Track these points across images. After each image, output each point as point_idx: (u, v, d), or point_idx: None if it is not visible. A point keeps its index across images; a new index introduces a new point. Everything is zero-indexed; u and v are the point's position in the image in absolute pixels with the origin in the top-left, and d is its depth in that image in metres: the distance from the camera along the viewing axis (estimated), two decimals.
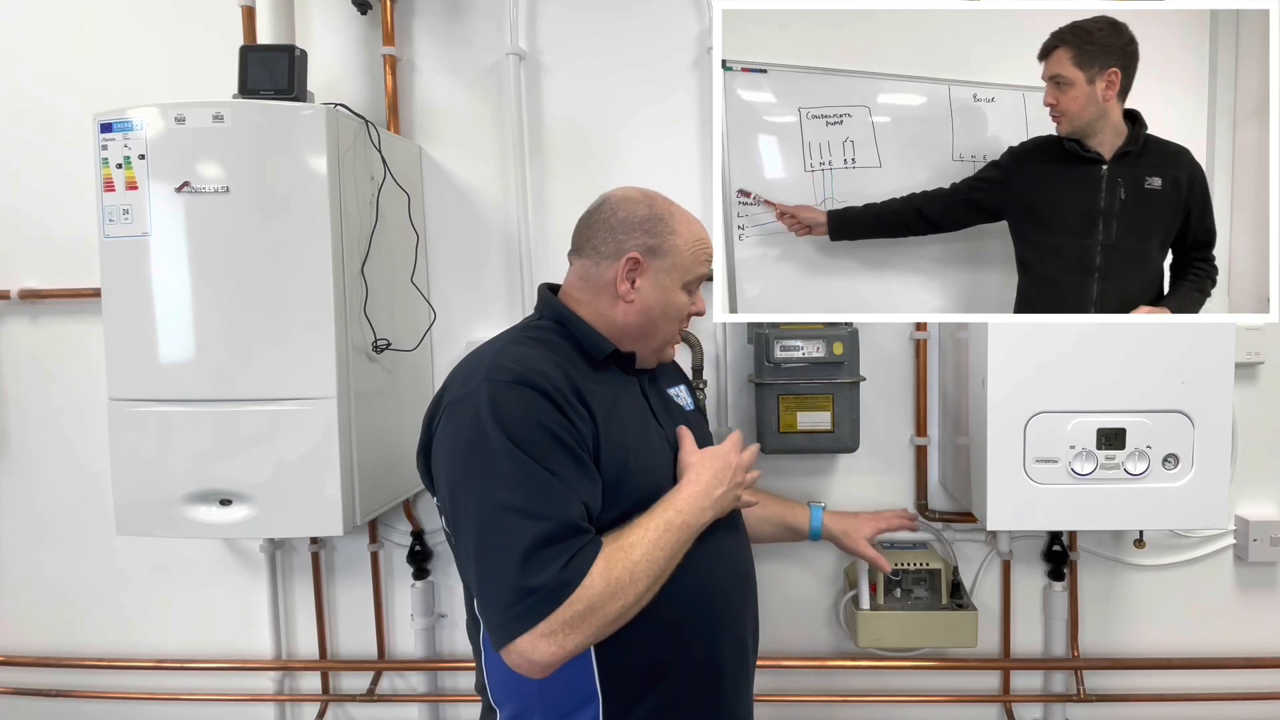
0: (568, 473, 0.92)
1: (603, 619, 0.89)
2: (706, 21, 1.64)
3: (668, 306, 1.09)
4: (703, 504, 1.01)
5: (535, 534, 0.88)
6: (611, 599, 0.89)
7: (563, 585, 0.87)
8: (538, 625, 0.87)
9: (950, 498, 1.69)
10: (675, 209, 1.12)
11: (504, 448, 0.90)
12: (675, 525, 0.97)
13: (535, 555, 0.87)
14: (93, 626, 1.84)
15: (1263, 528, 1.63)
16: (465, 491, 0.92)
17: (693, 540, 0.99)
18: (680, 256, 1.08)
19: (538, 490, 0.90)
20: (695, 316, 1.15)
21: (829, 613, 1.74)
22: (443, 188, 1.72)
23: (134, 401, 1.37)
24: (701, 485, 1.02)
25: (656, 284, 1.08)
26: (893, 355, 1.68)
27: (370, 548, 1.76)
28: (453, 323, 1.73)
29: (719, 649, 1.05)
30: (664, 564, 0.94)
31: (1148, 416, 1.30)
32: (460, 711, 1.83)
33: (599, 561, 0.90)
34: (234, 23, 1.64)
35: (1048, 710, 1.73)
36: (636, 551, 0.92)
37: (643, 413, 1.10)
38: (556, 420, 0.93)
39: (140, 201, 1.33)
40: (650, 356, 1.13)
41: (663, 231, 1.08)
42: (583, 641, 0.89)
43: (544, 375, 0.95)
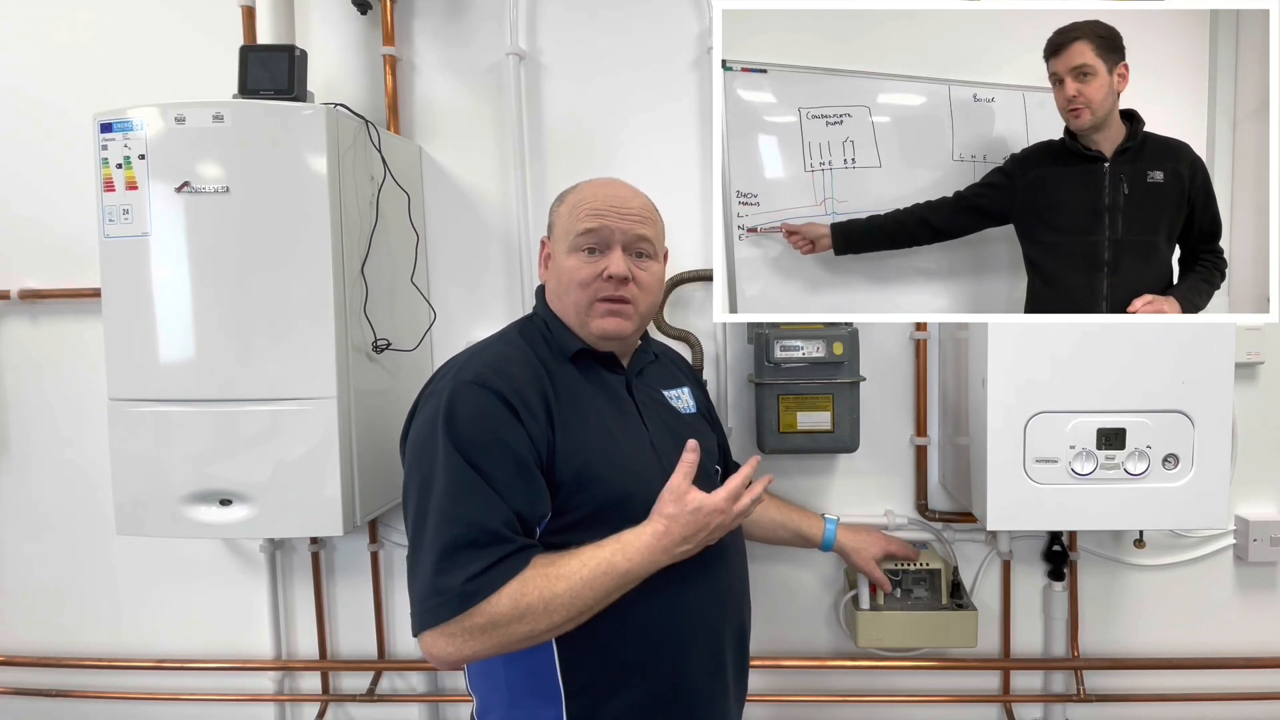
0: (505, 481, 0.93)
1: (505, 637, 0.90)
2: (706, 21, 1.64)
3: (560, 274, 1.06)
4: (656, 558, 0.95)
5: (453, 537, 0.90)
6: (517, 621, 0.89)
7: (467, 595, 0.88)
8: (440, 625, 0.89)
9: (950, 498, 1.69)
10: (588, 185, 1.10)
11: (446, 450, 0.92)
12: (618, 570, 0.93)
13: (450, 558, 0.90)
14: (92, 626, 1.84)
15: (1263, 528, 1.63)
16: (410, 485, 0.96)
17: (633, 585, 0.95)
18: (562, 222, 1.08)
19: (466, 496, 0.91)
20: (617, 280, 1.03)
21: (829, 613, 1.74)
22: (443, 188, 1.72)
23: (134, 401, 1.37)
24: (666, 540, 0.95)
25: (555, 258, 1.09)
26: (893, 355, 1.68)
27: (370, 548, 1.76)
28: (453, 323, 1.73)
29: (686, 660, 1.02)
30: (591, 603, 0.92)
31: (1148, 416, 1.30)
32: (460, 711, 1.83)
33: (514, 582, 0.90)
34: (234, 23, 1.64)
35: (1048, 710, 1.73)
36: (561, 585, 0.91)
37: (624, 414, 1.07)
38: (506, 424, 0.94)
39: (140, 201, 1.33)
40: (589, 335, 1.06)
41: (555, 207, 1.11)
42: (482, 651, 0.90)
43: (507, 377, 0.96)
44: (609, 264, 1.03)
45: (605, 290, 1.03)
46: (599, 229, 1.04)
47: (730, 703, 1.10)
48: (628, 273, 1.04)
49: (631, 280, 1.04)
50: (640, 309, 1.07)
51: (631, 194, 1.09)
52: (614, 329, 1.05)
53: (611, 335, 1.06)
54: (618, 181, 1.11)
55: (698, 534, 0.97)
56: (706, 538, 0.98)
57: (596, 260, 1.04)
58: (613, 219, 1.04)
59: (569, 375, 1.04)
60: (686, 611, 1.02)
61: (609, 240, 1.04)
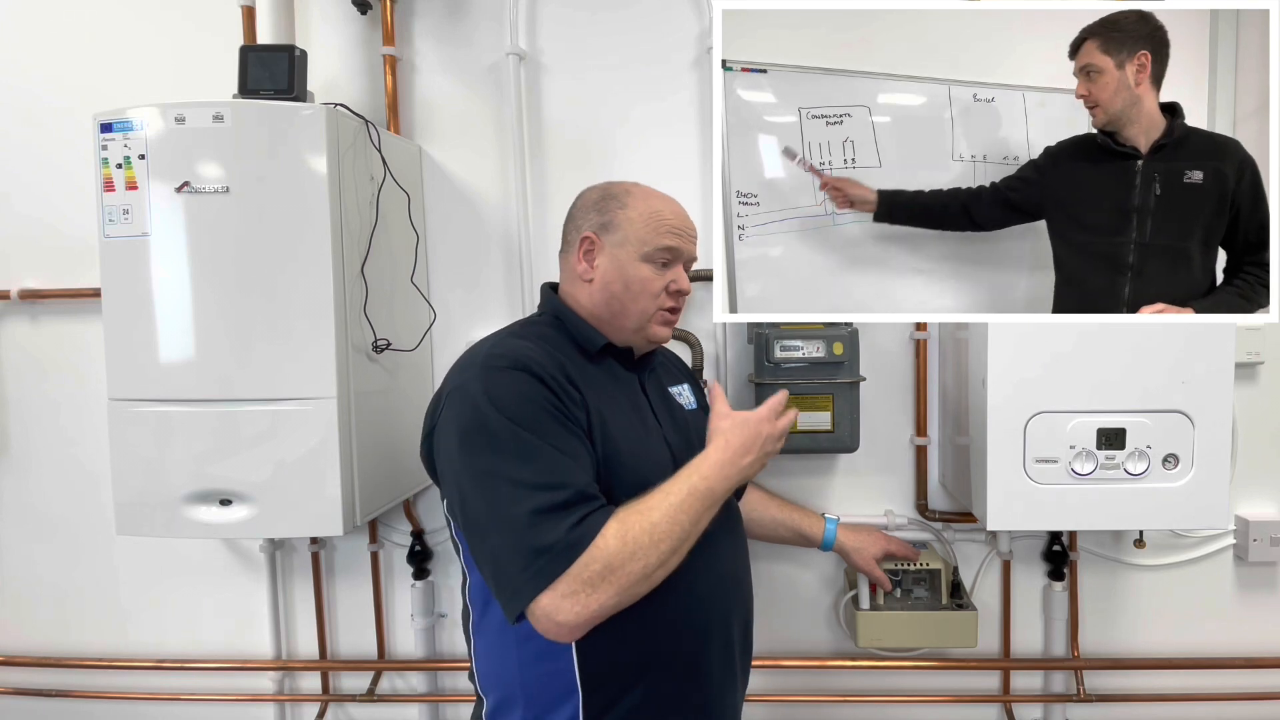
0: (567, 445, 0.94)
1: (625, 579, 0.89)
2: (706, 21, 1.64)
3: (629, 281, 1.09)
4: (728, 472, 0.98)
5: (540, 501, 0.89)
6: (631, 559, 0.88)
7: (573, 544, 0.88)
8: (556, 585, 0.87)
9: (950, 498, 1.69)
10: (636, 188, 1.13)
11: (502, 425, 0.92)
12: (700, 491, 0.95)
13: (540, 522, 0.89)
14: (92, 626, 1.84)
15: (1263, 528, 1.63)
16: (469, 472, 0.94)
17: (718, 506, 0.98)
18: (633, 228, 1.09)
19: (539, 462, 0.91)
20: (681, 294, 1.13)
21: (829, 613, 1.74)
22: (443, 188, 1.72)
23: (134, 401, 1.37)
24: (730, 453, 0.99)
25: (612, 259, 1.09)
26: (893, 355, 1.68)
27: (370, 548, 1.76)
28: (453, 323, 1.73)
29: (703, 651, 1.04)
30: (688, 528, 0.93)
31: (1148, 416, 1.30)
32: (460, 711, 1.83)
33: (612, 522, 0.90)
34: (234, 23, 1.65)
35: (1048, 710, 1.73)
36: (656, 514, 0.92)
37: (640, 409, 1.10)
38: (550, 400, 0.95)
39: (140, 201, 1.33)
40: (632, 338, 1.12)
41: (613, 207, 1.11)
42: (607, 601, 0.88)
43: (536, 362, 0.98)
44: (678, 281, 1.12)
45: (669, 303, 1.12)
46: (678, 247, 1.11)
47: (738, 692, 1.14)
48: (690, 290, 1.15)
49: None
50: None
51: (686, 213, 1.16)
52: (666, 336, 1.15)
53: (662, 341, 1.15)
54: (675, 200, 1.17)
55: (753, 446, 1.01)
56: (761, 451, 1.02)
57: (664, 274, 1.11)
58: (686, 240, 1.13)
59: (588, 369, 1.07)
60: (704, 601, 1.04)
61: (680, 258, 1.13)
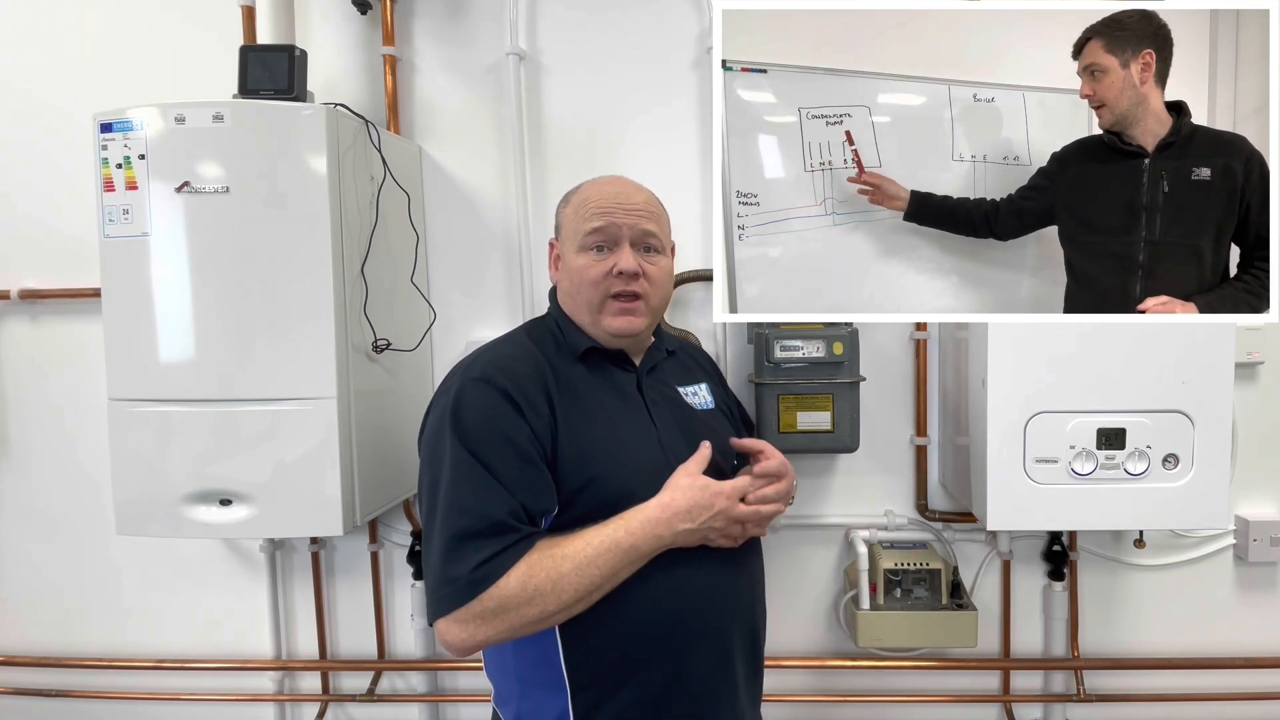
0: (510, 473, 0.95)
1: (517, 620, 0.92)
2: (706, 21, 1.64)
3: (572, 275, 1.08)
4: (659, 532, 0.95)
5: (460, 528, 0.93)
6: (527, 603, 0.91)
7: (476, 581, 0.91)
8: (452, 612, 0.92)
9: (950, 498, 1.69)
10: (592, 184, 1.11)
11: (453, 445, 0.95)
12: (622, 546, 0.94)
13: (458, 548, 0.92)
14: (92, 626, 1.84)
15: (1263, 528, 1.63)
16: (422, 480, 0.99)
17: (644, 561, 0.96)
18: (569, 223, 1.09)
19: (471, 489, 0.94)
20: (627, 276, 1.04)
21: (829, 613, 1.74)
22: (443, 188, 1.72)
23: (134, 401, 1.37)
24: (667, 513, 0.96)
25: (564, 259, 1.10)
26: (893, 355, 1.68)
27: (370, 548, 1.76)
28: (453, 323, 1.73)
29: (689, 658, 1.02)
30: (598, 581, 0.93)
31: (1148, 416, 1.30)
32: (460, 711, 1.83)
33: (521, 565, 0.92)
34: (234, 23, 1.65)
35: (1048, 710, 1.73)
36: (567, 564, 0.92)
37: (630, 412, 1.07)
38: (510, 419, 0.96)
39: (140, 201, 1.33)
40: (601, 334, 1.08)
41: (561, 209, 1.12)
42: (495, 635, 0.92)
43: (511, 374, 0.99)
44: (618, 260, 1.04)
45: (616, 286, 1.05)
46: (606, 226, 1.05)
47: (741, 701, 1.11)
48: (638, 268, 1.05)
49: (641, 275, 1.06)
50: (651, 303, 1.08)
51: (635, 189, 1.10)
52: (626, 328, 1.06)
53: (624, 334, 1.07)
54: (621, 179, 1.12)
55: (701, 513, 0.97)
56: (709, 522, 0.98)
57: (606, 258, 1.05)
58: (619, 215, 1.05)
59: (576, 374, 1.06)
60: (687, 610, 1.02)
61: (617, 237, 1.05)
